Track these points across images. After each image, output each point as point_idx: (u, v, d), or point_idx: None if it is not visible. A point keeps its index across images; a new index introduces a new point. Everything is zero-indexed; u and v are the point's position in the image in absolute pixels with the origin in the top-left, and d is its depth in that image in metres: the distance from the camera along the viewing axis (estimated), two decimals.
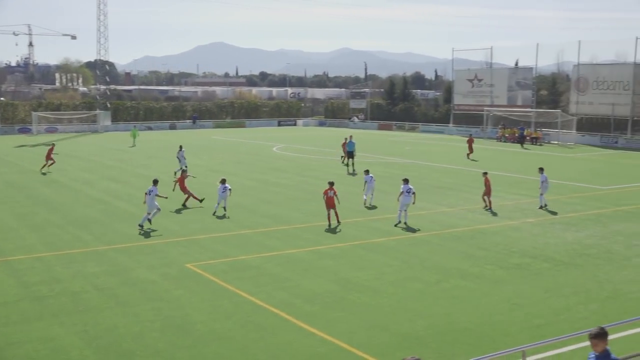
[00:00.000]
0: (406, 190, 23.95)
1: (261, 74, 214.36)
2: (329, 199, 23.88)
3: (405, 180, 24.49)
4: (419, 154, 49.11)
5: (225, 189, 26.12)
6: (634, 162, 46.32)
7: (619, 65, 64.07)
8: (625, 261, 19.06)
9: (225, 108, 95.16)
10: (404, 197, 23.91)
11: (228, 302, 15.20)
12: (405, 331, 13.41)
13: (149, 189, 23.63)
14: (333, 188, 24.15)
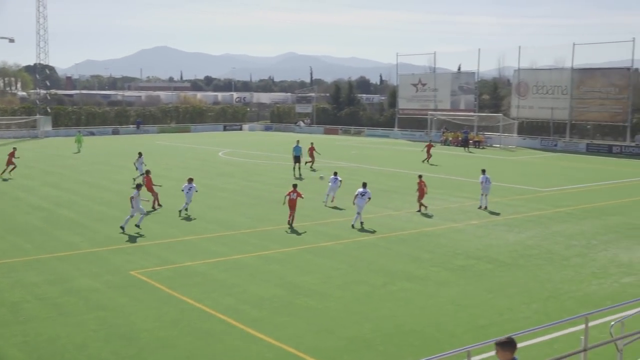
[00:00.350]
0: (360, 194, 24.41)
1: (206, 79, 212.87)
2: (291, 200, 24.42)
3: (364, 185, 25.14)
4: (365, 158, 49.45)
5: (192, 188, 26.59)
6: (572, 165, 47.57)
7: (558, 70, 65.77)
8: (564, 261, 19.55)
9: (170, 113, 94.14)
10: (359, 199, 24.28)
11: (174, 309, 15.02)
12: (352, 334, 13.47)
13: (133, 194, 23.70)
14: (296, 190, 24.76)
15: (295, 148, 40.98)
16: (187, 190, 26.56)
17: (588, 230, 23.88)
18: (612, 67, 61.16)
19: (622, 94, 58.35)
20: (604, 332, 12.09)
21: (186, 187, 26.71)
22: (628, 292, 16.33)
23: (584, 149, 58.88)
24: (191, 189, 26.63)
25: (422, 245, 21.42)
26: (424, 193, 27.62)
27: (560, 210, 27.99)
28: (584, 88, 61.14)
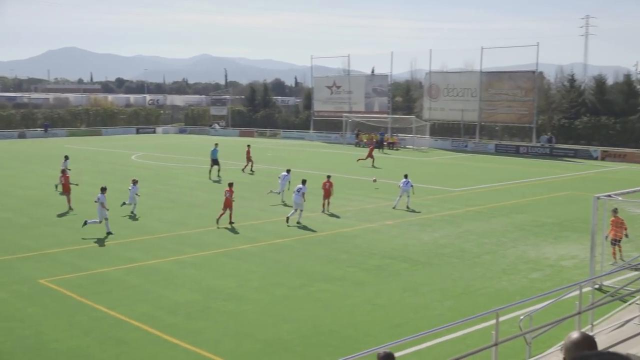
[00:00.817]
0: (296, 190, 25.63)
1: (117, 80, 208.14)
2: (227, 199, 25.16)
3: (303, 182, 26.19)
4: (281, 160, 49.43)
5: (133, 189, 27.17)
6: (482, 165, 49.03)
7: (467, 73, 67.61)
8: (476, 259, 20.12)
9: (80, 116, 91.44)
10: (295, 195, 25.43)
11: (86, 317, 14.59)
12: (270, 337, 13.45)
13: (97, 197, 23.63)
14: (231, 189, 25.40)
15: (213, 151, 40.57)
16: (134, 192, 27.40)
17: (498, 228, 24.66)
18: (519, 71, 63.30)
19: (527, 96, 60.52)
20: (514, 326, 12.51)
21: (133, 190, 27.36)
22: (536, 287, 16.95)
23: (493, 149, 60.72)
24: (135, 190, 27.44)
25: (338, 246, 21.60)
26: (329, 193, 28.04)
27: (471, 209, 28.80)
28: (492, 90, 63.08)
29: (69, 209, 28.08)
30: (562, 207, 29.47)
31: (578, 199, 31.34)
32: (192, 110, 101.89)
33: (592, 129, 61.47)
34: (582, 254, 20.11)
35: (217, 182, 37.40)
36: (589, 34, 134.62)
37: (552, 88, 68.21)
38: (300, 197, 25.33)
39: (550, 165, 48.85)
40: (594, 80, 69.48)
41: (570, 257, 20.34)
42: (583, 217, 25.23)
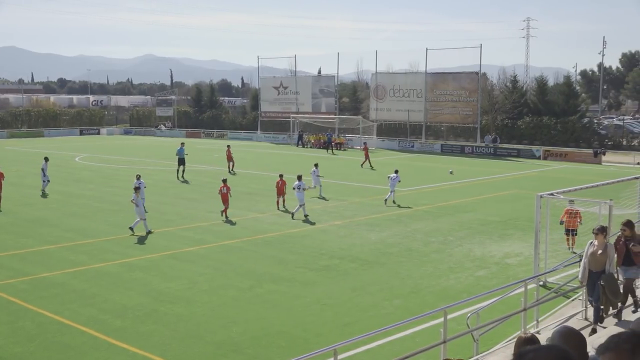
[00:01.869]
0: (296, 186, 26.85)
1: (60, 81, 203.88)
2: (223, 195, 26.46)
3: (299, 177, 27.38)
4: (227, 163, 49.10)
5: (141, 184, 27.19)
6: (428, 165, 49.65)
7: (413, 74, 68.35)
8: (424, 257, 20.37)
9: (21, 117, 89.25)
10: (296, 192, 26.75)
11: (30, 323, 14.25)
12: (220, 339, 13.36)
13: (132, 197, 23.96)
14: (226, 185, 26.77)
15: (179, 150, 40.24)
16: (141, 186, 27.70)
17: (444, 227, 25.00)
18: (462, 72, 64.31)
19: (471, 97, 61.53)
20: (462, 323, 12.69)
21: (135, 184, 27.41)
22: (482, 284, 17.25)
23: (438, 149, 61.50)
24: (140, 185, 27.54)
25: (287, 247, 21.60)
26: (282, 191, 28.54)
27: (419, 208, 29.13)
28: (437, 91, 63.91)
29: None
30: (506, 205, 30.05)
31: (522, 197, 32.00)
32: (137, 111, 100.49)
33: (534, 129, 62.85)
34: (527, 251, 20.55)
35: (185, 183, 37.09)
36: (530, 36, 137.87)
37: (495, 89, 69.48)
38: (301, 193, 26.68)
39: (494, 164, 49.77)
40: (535, 81, 71.17)
41: (515, 254, 20.77)
42: (527, 215, 25.78)
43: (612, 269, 12.43)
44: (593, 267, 12.45)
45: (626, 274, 12.92)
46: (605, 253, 12.37)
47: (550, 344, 3.35)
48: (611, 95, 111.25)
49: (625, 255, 12.89)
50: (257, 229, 24.46)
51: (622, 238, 13.02)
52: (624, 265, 12.94)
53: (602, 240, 12.52)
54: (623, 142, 59.95)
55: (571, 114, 62.47)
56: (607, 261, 12.33)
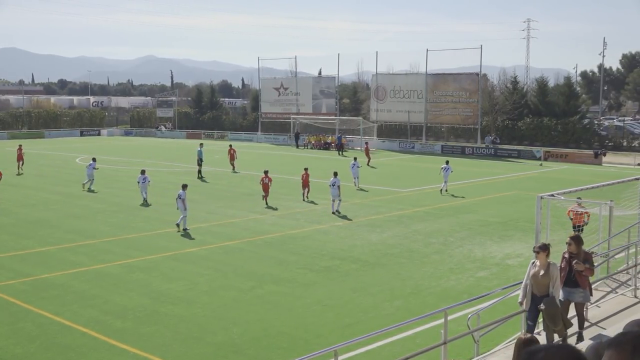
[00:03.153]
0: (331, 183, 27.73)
1: (60, 82, 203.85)
2: (265, 185, 29.57)
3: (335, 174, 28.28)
4: (229, 162, 49.12)
5: (145, 179, 29.93)
6: (429, 166, 49.60)
7: (413, 75, 68.38)
8: (424, 258, 20.37)
9: (22, 118, 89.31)
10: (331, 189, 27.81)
11: (31, 324, 14.26)
12: (220, 340, 13.36)
13: (178, 193, 24.67)
14: (268, 176, 29.84)
15: (199, 151, 41.05)
16: (142, 181, 30.07)
17: (445, 228, 25.00)
18: (463, 73, 64.31)
19: (472, 98, 61.53)
20: (462, 324, 12.68)
21: (140, 179, 30.11)
22: (482, 285, 17.25)
23: (439, 150, 61.47)
24: (145, 181, 30.01)
25: (288, 248, 21.60)
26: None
27: (419, 209, 29.13)
28: (437, 92, 63.91)
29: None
30: (507, 206, 30.05)
31: (522, 198, 32.00)
32: (137, 112, 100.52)
33: (534, 129, 62.86)
34: (527, 252, 20.54)
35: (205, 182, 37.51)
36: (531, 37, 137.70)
37: (496, 90, 69.52)
38: (336, 189, 27.57)
39: (494, 165, 49.77)
40: (536, 82, 71.20)
41: (516, 255, 20.77)
42: (527, 216, 25.79)
43: (557, 292, 11.03)
44: (536, 290, 11.05)
45: (569, 296, 11.63)
46: (548, 274, 10.92)
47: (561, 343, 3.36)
48: (612, 96, 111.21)
49: (568, 274, 11.55)
50: (258, 230, 24.46)
51: (566, 254, 11.67)
52: (566, 286, 11.58)
53: (544, 260, 11.05)
54: (623, 143, 59.96)
55: (571, 115, 62.47)
56: (550, 283, 10.91)
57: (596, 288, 14.97)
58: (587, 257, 11.62)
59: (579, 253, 11.54)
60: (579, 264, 11.31)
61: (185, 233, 23.94)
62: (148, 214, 27.60)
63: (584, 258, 11.51)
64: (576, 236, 11.83)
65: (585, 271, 11.44)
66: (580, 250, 11.60)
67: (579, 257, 11.46)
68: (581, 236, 11.96)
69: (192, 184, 36.87)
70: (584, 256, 11.59)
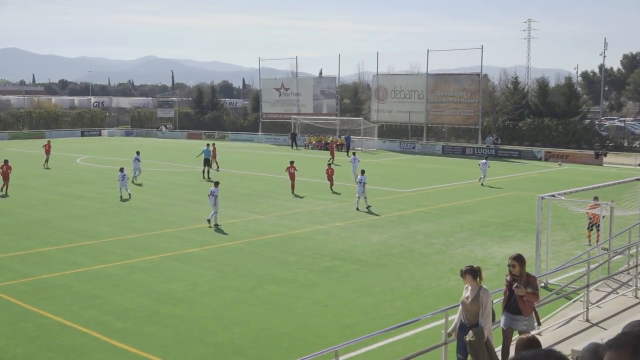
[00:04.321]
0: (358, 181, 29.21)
1: (61, 82, 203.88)
2: (291, 174, 33.05)
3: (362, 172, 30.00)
4: (230, 163, 49.15)
5: (124, 177, 31.51)
6: (429, 166, 49.63)
7: (414, 75, 68.38)
8: (425, 259, 20.35)
9: (22, 118, 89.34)
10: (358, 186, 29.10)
11: (31, 324, 14.26)
12: (221, 340, 13.36)
13: (211, 190, 25.30)
14: (294, 166, 33.40)
15: (206, 151, 40.91)
16: (121, 178, 31.46)
17: (445, 228, 24.99)
18: (464, 73, 64.30)
19: (473, 99, 61.52)
20: None
21: (119, 176, 31.55)
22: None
23: (440, 150, 61.44)
24: (124, 178, 31.52)
25: (288, 248, 21.59)
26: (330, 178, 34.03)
27: (420, 210, 29.12)
28: (438, 93, 63.91)
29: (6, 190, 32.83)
30: (507, 207, 30.03)
31: (522, 198, 31.98)
32: (138, 113, 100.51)
33: (535, 130, 62.86)
34: (528, 252, 20.45)
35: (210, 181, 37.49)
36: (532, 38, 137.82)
37: (497, 90, 69.53)
38: (362, 187, 28.68)
39: (495, 165, 49.68)
40: (536, 82, 71.22)
41: None
42: (528, 216, 25.77)
43: (486, 322, 9.79)
44: (465, 318, 10.03)
45: (512, 324, 10.49)
46: (478, 301, 9.79)
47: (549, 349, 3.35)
48: (612, 97, 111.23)
49: (509, 300, 10.48)
50: (258, 231, 24.45)
51: (509, 276, 10.58)
52: (507, 311, 10.49)
53: (473, 284, 9.99)
54: (624, 144, 59.95)
55: (572, 116, 62.47)
56: (480, 311, 9.80)
57: (597, 289, 14.99)
58: (530, 281, 10.42)
59: (522, 275, 10.40)
60: (519, 288, 10.16)
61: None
62: (149, 215, 27.60)
63: (526, 281, 10.34)
64: (518, 256, 10.56)
65: (527, 296, 10.23)
66: (524, 272, 10.46)
67: (521, 280, 10.34)
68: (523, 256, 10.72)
69: (195, 184, 36.89)
70: (527, 279, 10.41)
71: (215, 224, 24.89)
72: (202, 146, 43.32)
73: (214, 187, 25.57)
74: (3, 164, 34.25)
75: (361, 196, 28.87)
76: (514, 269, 10.40)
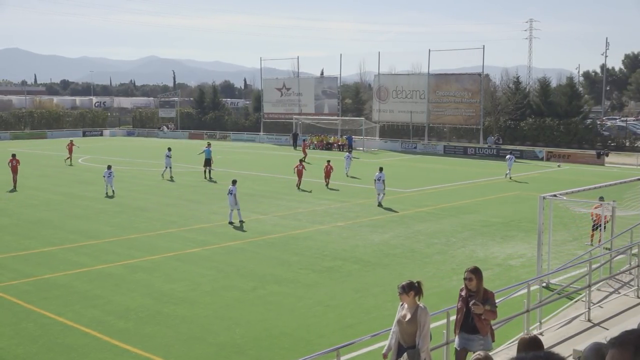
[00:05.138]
0: (377, 178, 29.92)
1: (63, 82, 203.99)
2: (299, 171, 34.67)
3: (380, 169, 30.80)
4: (231, 163, 49.20)
5: (111, 174, 32.69)
6: (431, 166, 49.62)
7: (415, 75, 68.39)
8: (426, 258, 20.35)
9: (24, 118, 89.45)
10: (376, 183, 29.96)
11: (33, 324, 14.27)
12: (222, 340, 13.36)
13: (229, 189, 25.66)
14: (302, 163, 35.43)
15: (206, 151, 40.96)
16: (108, 175, 32.57)
17: (447, 228, 24.98)
18: (465, 73, 64.31)
19: (474, 98, 61.52)
20: None
21: (106, 173, 32.71)
22: (485, 285, 17.19)
23: (441, 150, 61.44)
24: (110, 175, 32.65)
25: (290, 248, 21.60)
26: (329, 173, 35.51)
27: (421, 210, 29.11)
28: (440, 92, 63.92)
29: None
30: (509, 207, 30.02)
31: (524, 198, 31.97)
32: (139, 113, 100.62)
33: (537, 130, 62.83)
34: (529, 252, 20.53)
35: (213, 182, 37.59)
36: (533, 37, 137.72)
37: (498, 90, 69.50)
38: (381, 184, 29.67)
39: (497, 165, 49.68)
40: (538, 82, 71.16)
41: (518, 256, 20.75)
42: (529, 216, 25.75)
43: (424, 343, 8.80)
44: (402, 339, 9.08)
45: (466, 344, 9.57)
46: (415, 321, 8.86)
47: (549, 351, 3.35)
48: (614, 97, 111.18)
49: (465, 318, 9.49)
50: (260, 231, 24.46)
51: (464, 292, 9.59)
52: (463, 331, 9.55)
53: (411, 303, 9.01)
54: (626, 144, 59.91)
55: (574, 115, 62.44)
56: (417, 332, 8.85)
57: (599, 289, 14.98)
58: (487, 297, 9.41)
59: (479, 291, 9.38)
60: (477, 305, 9.17)
61: (186, 235, 23.97)
62: (150, 215, 27.61)
63: (483, 297, 9.34)
64: (476, 269, 9.51)
65: (485, 314, 9.29)
66: (481, 287, 9.43)
67: (477, 295, 9.33)
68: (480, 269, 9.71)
69: (196, 185, 36.91)
70: (484, 295, 9.39)
71: (240, 220, 25.59)
72: (203, 146, 43.30)
73: (232, 185, 25.88)
74: (12, 158, 36.00)
75: (381, 193, 29.94)
76: (470, 283, 9.39)
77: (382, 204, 29.65)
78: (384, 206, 29.45)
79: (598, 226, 20.18)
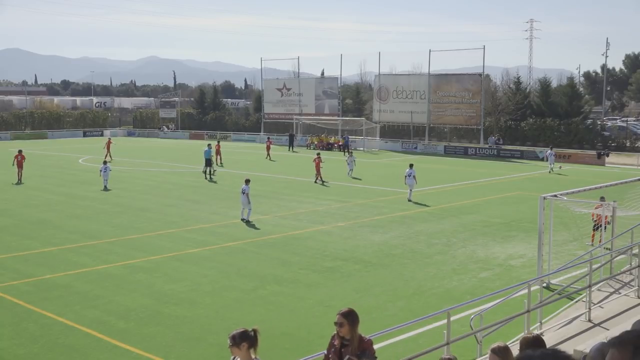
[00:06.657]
0: (407, 174, 31.54)
1: (63, 83, 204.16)
2: (316, 164, 37.03)
3: (410, 165, 32.28)
4: (232, 163, 49.20)
5: (107, 169, 34.56)
6: (432, 167, 49.59)
7: (416, 75, 68.39)
8: (427, 259, 20.35)
9: (25, 118, 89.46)
10: (408, 179, 31.57)
11: (34, 325, 14.27)
12: (223, 341, 13.27)
13: (242, 188, 26.08)
14: (319, 157, 37.73)
15: (206, 151, 41.01)
16: (104, 171, 34.37)
17: (447, 228, 24.98)
18: (466, 73, 64.30)
19: (475, 99, 61.51)
20: (465, 325, 12.69)
21: (102, 168, 34.54)
22: (485, 286, 17.23)
23: (442, 151, 61.42)
24: (106, 170, 34.60)
25: (290, 249, 21.59)
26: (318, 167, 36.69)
27: (422, 210, 29.11)
28: (440, 93, 63.91)
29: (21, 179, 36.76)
30: (509, 207, 30.02)
31: (525, 199, 31.95)
32: (140, 113, 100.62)
33: (537, 130, 62.80)
34: (530, 253, 20.53)
35: (213, 183, 37.58)
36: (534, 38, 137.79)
37: (499, 90, 69.52)
38: (412, 179, 31.36)
39: (497, 166, 49.74)
40: (539, 82, 71.12)
41: (519, 256, 20.74)
42: (530, 217, 25.74)
43: None
44: None
45: None
46: None
47: (555, 349, 3.36)
48: (615, 97, 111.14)
49: None
50: (261, 231, 24.46)
51: (336, 340, 7.77)
52: None
53: (243, 357, 7.45)
54: (626, 144, 59.87)
55: (574, 116, 62.41)
56: None
57: (599, 289, 14.98)
58: (365, 347, 7.54)
59: (353, 339, 7.53)
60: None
61: (186, 235, 23.97)
62: (151, 215, 27.62)
63: (359, 348, 7.49)
64: (349, 312, 7.65)
65: None
66: (356, 334, 7.55)
67: (352, 344, 7.51)
68: (356, 311, 7.84)
69: (196, 185, 36.91)
70: (360, 345, 7.52)
71: (247, 220, 25.91)
72: (203, 146, 43.30)
73: (245, 185, 26.17)
74: (17, 153, 37.99)
75: (412, 188, 31.44)
76: (341, 328, 7.55)
77: (412, 199, 31.14)
78: (416, 200, 31.18)
79: (599, 226, 20.18)
